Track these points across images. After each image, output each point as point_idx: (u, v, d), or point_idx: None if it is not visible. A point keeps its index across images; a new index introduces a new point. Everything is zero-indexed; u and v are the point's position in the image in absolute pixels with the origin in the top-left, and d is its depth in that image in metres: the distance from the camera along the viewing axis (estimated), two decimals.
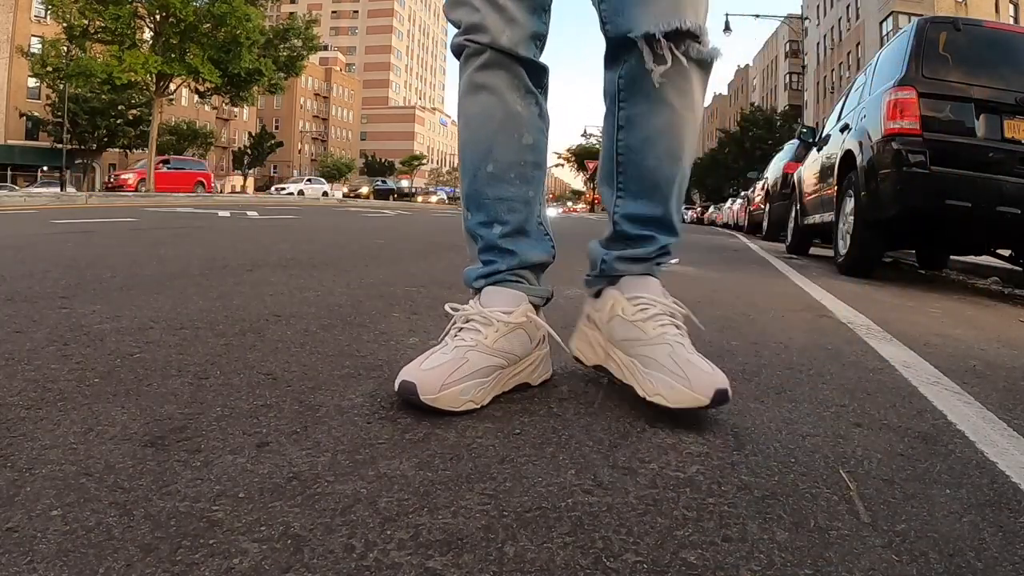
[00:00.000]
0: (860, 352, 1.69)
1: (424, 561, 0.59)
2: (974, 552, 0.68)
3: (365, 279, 2.47)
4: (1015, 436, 1.08)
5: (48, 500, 0.66)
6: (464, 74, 1.11)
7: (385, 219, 9.20)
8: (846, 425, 1.06)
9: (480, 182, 1.11)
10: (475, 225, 1.13)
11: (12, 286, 1.91)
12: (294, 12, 31.60)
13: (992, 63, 3.71)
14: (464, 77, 1.11)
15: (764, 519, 0.71)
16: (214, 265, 2.66)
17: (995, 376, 1.55)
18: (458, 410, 0.96)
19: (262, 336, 1.42)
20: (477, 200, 1.12)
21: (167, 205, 10.82)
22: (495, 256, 1.10)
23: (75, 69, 21.51)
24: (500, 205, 1.10)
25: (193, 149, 43.48)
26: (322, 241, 4.40)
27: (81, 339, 1.31)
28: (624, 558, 0.62)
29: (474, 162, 1.11)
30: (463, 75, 1.11)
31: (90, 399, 0.95)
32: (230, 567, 0.56)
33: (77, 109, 33.40)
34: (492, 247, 1.11)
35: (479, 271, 1.11)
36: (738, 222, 16.25)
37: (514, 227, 1.11)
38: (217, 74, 22.54)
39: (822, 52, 43.79)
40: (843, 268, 4.22)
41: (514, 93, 1.09)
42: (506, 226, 1.10)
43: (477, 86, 1.09)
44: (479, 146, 1.11)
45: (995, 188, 3.44)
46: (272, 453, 0.80)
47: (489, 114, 1.09)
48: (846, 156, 4.36)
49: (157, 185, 21.53)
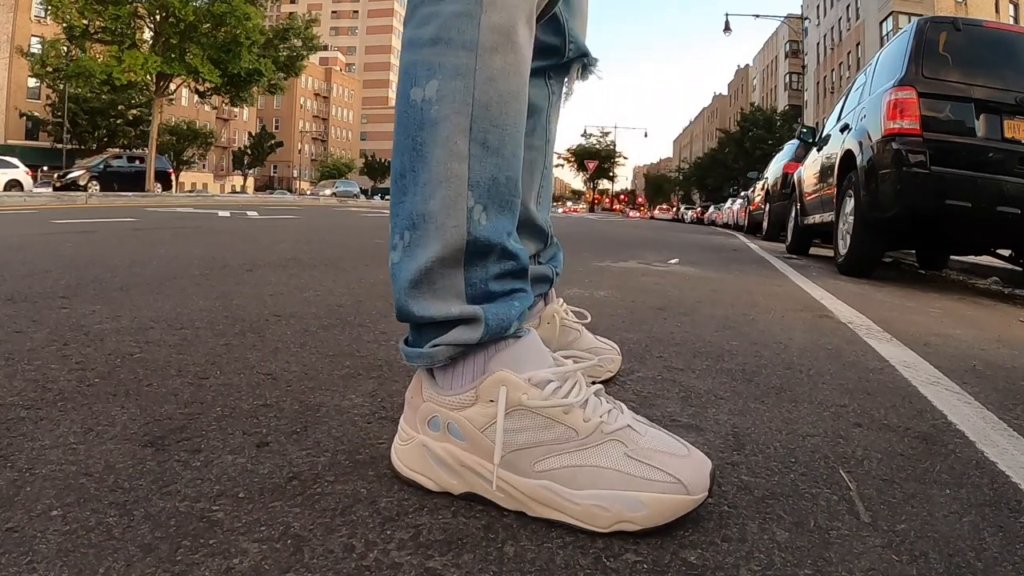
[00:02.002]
0: (860, 352, 1.69)
1: (424, 561, 0.59)
2: (974, 552, 0.68)
3: (365, 279, 2.47)
4: (1015, 436, 1.08)
5: (48, 500, 0.66)
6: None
7: (386, 219, 9.21)
8: (846, 425, 1.06)
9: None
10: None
11: (12, 286, 1.90)
12: (294, 12, 31.56)
13: (992, 63, 3.71)
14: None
15: (764, 519, 0.71)
16: (214, 265, 2.66)
17: (995, 376, 1.55)
18: None
19: (262, 336, 1.42)
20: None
21: (167, 205, 10.82)
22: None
23: (75, 69, 21.51)
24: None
25: (193, 149, 43.52)
26: (322, 241, 4.40)
27: (81, 339, 1.31)
28: (624, 558, 0.62)
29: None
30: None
31: (90, 399, 0.95)
32: (230, 567, 0.56)
33: (77, 109, 33.43)
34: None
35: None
36: (738, 222, 16.25)
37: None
38: (217, 74, 22.53)
39: (822, 52, 43.79)
40: (843, 268, 4.22)
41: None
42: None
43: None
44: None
45: (995, 188, 3.44)
46: (272, 453, 0.80)
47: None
48: (846, 156, 4.36)
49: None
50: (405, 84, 0.72)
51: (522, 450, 0.69)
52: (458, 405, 0.71)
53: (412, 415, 0.75)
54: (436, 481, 0.72)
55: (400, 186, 0.73)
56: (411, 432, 0.75)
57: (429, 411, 0.73)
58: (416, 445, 0.74)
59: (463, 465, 0.71)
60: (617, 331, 1.72)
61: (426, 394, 0.74)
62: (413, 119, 0.71)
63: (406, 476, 0.74)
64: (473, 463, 0.70)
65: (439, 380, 0.74)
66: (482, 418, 0.70)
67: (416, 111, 0.71)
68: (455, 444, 0.72)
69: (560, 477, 0.68)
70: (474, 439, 0.70)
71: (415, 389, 0.76)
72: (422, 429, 0.74)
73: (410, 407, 0.76)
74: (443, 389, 0.73)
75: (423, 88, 0.71)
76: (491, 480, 0.69)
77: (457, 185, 0.70)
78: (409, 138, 0.71)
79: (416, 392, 0.75)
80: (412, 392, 0.76)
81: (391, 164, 0.74)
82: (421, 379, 0.75)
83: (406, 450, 0.75)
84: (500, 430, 0.68)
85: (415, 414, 0.75)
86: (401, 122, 0.72)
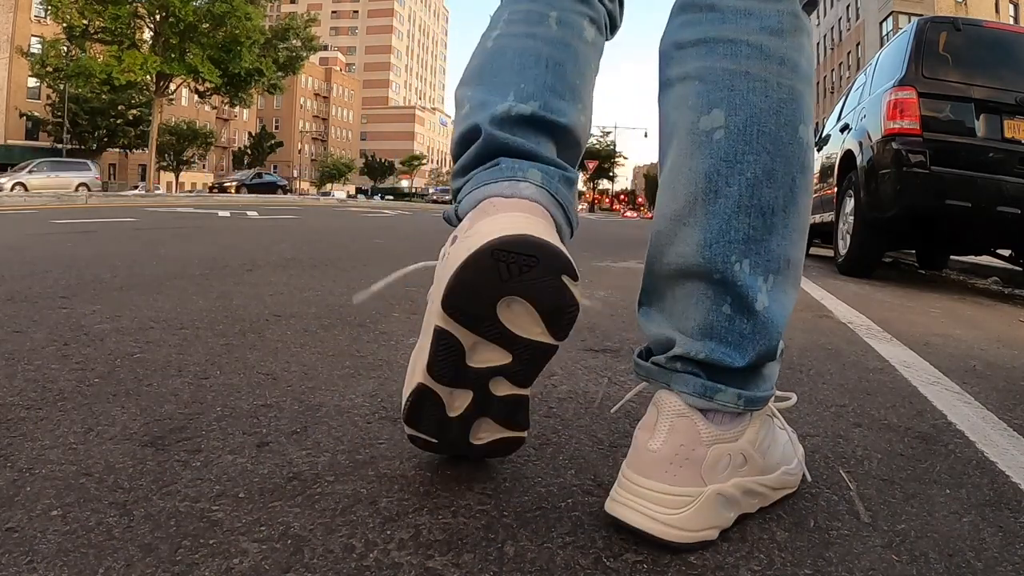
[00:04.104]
0: (860, 352, 1.69)
1: (424, 561, 0.59)
2: (974, 552, 0.68)
3: (365, 279, 2.47)
4: (1015, 436, 1.08)
5: (48, 500, 0.66)
6: None
7: (385, 219, 9.21)
8: (846, 425, 1.06)
9: None
10: None
11: (12, 286, 1.90)
12: (294, 12, 31.56)
13: (992, 63, 3.71)
14: None
15: (764, 519, 0.71)
16: (214, 265, 2.66)
17: (995, 376, 1.55)
18: None
19: (262, 336, 1.42)
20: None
21: (167, 205, 10.82)
22: None
23: (75, 69, 21.53)
24: None
25: (193, 149, 43.50)
26: (322, 241, 4.40)
27: (81, 339, 1.31)
28: (624, 558, 0.62)
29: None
30: None
31: (90, 399, 0.95)
32: (230, 567, 0.56)
33: (77, 109, 33.40)
34: None
35: None
36: None
37: None
38: (217, 74, 22.55)
39: (822, 52, 43.78)
40: (843, 268, 4.22)
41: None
42: None
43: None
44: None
45: (995, 188, 3.44)
46: (272, 453, 0.80)
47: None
48: (846, 156, 4.36)
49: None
50: (797, 116, 0.68)
51: (769, 449, 0.73)
52: (738, 434, 0.69)
53: (693, 471, 0.66)
54: (721, 527, 0.67)
55: (768, 223, 0.67)
56: (695, 490, 0.65)
57: (719, 454, 0.67)
58: (707, 499, 0.66)
59: (746, 492, 0.69)
60: (617, 331, 1.72)
61: (709, 438, 0.67)
62: (798, 158, 0.68)
63: (697, 541, 0.65)
64: (753, 485, 0.70)
65: (712, 419, 0.68)
66: (756, 436, 0.71)
67: (803, 151, 0.68)
68: (740, 475, 0.69)
69: (783, 458, 0.75)
70: (752, 460, 0.70)
71: (686, 440, 0.66)
72: (710, 478, 0.66)
73: (687, 465, 0.66)
74: (723, 425, 0.68)
75: (807, 129, 0.69)
76: (762, 494, 0.72)
77: (804, 238, 0.70)
78: (790, 176, 0.68)
79: (690, 443, 0.66)
80: (678, 446, 0.66)
81: (757, 193, 0.67)
82: (695, 426, 0.67)
83: (693, 513, 0.65)
84: (775, 441, 0.73)
85: (698, 468, 0.66)
86: (784, 155, 0.67)
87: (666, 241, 0.70)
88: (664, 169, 0.74)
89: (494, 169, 0.69)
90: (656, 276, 0.73)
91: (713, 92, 0.68)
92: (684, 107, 0.71)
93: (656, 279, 0.73)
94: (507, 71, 0.75)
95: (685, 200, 0.69)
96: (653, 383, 0.71)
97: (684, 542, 0.64)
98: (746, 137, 0.67)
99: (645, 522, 0.64)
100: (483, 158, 0.71)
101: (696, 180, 0.68)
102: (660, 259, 0.71)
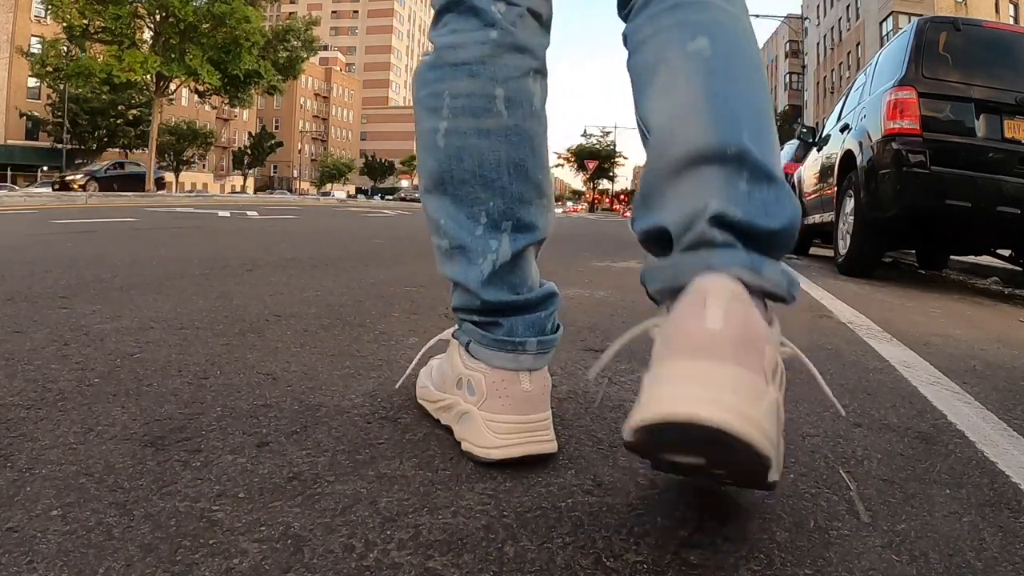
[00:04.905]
0: (860, 352, 1.69)
1: (424, 561, 0.59)
2: (974, 552, 0.68)
3: (365, 279, 2.47)
4: (1015, 436, 1.08)
5: (48, 500, 0.66)
6: None
7: (385, 219, 9.21)
8: (846, 425, 1.06)
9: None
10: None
11: (12, 286, 1.90)
12: (294, 12, 31.56)
13: (992, 63, 3.71)
14: None
15: (764, 519, 0.71)
16: (214, 265, 2.66)
17: (995, 376, 1.55)
18: None
19: (262, 336, 1.42)
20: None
21: (167, 205, 10.82)
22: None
23: (75, 69, 21.53)
24: None
25: (193, 149, 43.53)
26: (322, 241, 4.40)
27: (81, 339, 1.31)
28: (624, 558, 0.62)
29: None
30: None
31: (90, 399, 0.95)
32: (230, 567, 0.56)
33: (77, 109, 33.42)
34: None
35: None
36: None
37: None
38: (216, 75, 22.55)
39: (822, 52, 43.79)
40: (843, 268, 4.22)
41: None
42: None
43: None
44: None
45: (995, 188, 3.44)
46: (272, 453, 0.80)
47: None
48: (846, 156, 4.36)
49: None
50: (756, 46, 0.75)
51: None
52: (779, 339, 0.60)
53: (758, 359, 0.51)
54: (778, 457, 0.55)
55: (767, 119, 0.70)
56: (765, 386, 0.52)
57: (775, 357, 0.55)
58: (773, 405, 0.52)
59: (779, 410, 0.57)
60: (617, 331, 1.72)
61: (765, 334, 0.54)
62: (764, 79, 0.74)
63: (777, 464, 0.53)
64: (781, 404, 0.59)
65: (763, 314, 0.57)
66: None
67: (764, 74, 0.75)
68: (781, 393, 0.58)
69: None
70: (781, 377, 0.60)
71: (746, 329, 0.53)
72: (771, 380, 0.53)
73: (753, 350, 0.52)
74: (773, 326, 0.58)
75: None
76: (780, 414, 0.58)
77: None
78: (765, 90, 0.73)
79: (752, 334, 0.53)
80: (741, 330, 0.53)
81: (751, 95, 0.69)
82: (753, 315, 0.54)
83: (764, 410, 0.51)
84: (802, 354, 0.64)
85: (762, 359, 0.52)
86: (760, 70, 0.73)
87: (668, 138, 0.68)
88: (652, 91, 0.72)
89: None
90: (659, 174, 0.68)
91: (695, 28, 0.71)
92: (669, 44, 0.72)
93: (659, 177, 0.68)
94: (471, 183, 0.78)
95: (687, 99, 0.68)
96: (678, 277, 0.63)
97: (770, 456, 0.48)
98: (730, 52, 0.70)
99: (728, 417, 0.46)
100: (484, 314, 0.81)
101: (694, 87, 0.68)
102: (663, 156, 0.68)
